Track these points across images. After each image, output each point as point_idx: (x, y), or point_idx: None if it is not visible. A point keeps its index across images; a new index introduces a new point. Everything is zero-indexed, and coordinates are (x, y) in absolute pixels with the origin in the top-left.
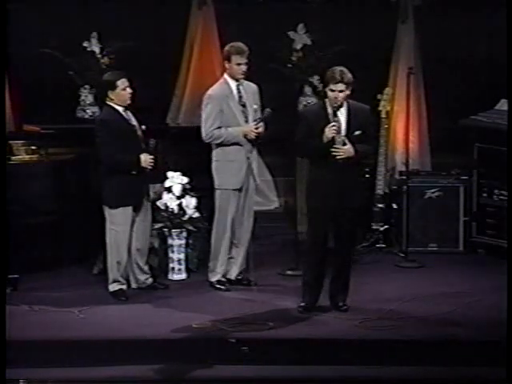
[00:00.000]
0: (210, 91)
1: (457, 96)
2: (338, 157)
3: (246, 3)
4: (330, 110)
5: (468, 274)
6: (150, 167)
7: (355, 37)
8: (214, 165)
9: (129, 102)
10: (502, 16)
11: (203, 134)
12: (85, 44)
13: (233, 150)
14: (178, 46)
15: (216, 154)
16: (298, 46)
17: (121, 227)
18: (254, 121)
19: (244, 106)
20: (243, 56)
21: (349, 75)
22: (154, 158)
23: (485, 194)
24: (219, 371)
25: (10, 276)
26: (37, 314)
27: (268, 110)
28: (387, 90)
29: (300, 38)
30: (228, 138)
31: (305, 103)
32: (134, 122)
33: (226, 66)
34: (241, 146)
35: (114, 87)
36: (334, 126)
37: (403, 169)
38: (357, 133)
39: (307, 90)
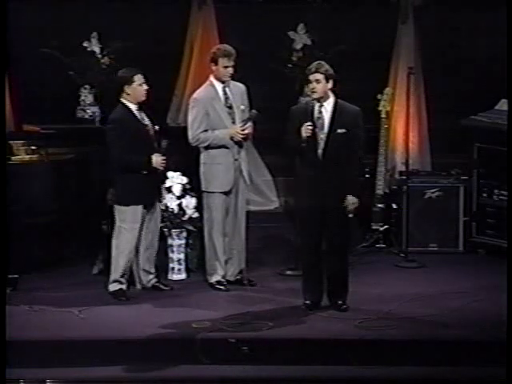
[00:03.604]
0: (195, 94)
1: (457, 96)
2: None
3: (246, 3)
4: (316, 108)
5: (468, 274)
6: (161, 168)
7: (355, 37)
8: (201, 168)
9: (144, 98)
10: (502, 16)
11: (189, 138)
12: (85, 44)
13: (220, 152)
14: (178, 46)
15: (203, 156)
16: (298, 46)
17: (129, 225)
18: (242, 121)
19: (230, 107)
20: (230, 59)
21: (326, 67)
22: (165, 158)
23: (485, 194)
24: (219, 371)
25: (10, 276)
26: (37, 314)
27: (254, 111)
28: (387, 90)
29: (300, 38)
30: (214, 141)
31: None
32: (146, 121)
33: (213, 68)
34: (228, 148)
35: (130, 82)
36: (309, 125)
37: (403, 169)
38: (339, 131)
39: (307, 90)
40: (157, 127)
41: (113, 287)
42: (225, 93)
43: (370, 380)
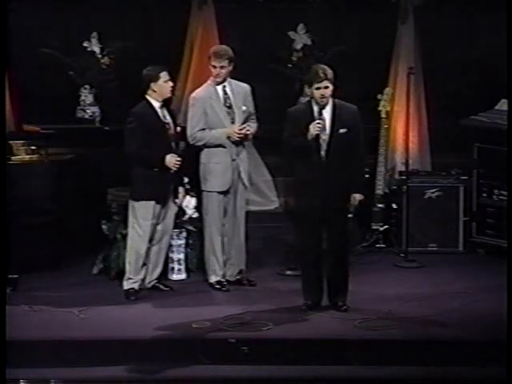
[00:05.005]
0: (194, 93)
1: (457, 96)
2: None
3: (246, 3)
4: (315, 109)
5: (468, 274)
6: (174, 168)
7: (355, 37)
8: (200, 167)
9: (169, 95)
10: (502, 16)
11: (187, 136)
12: (85, 44)
13: (218, 152)
14: (178, 45)
15: (202, 156)
16: (298, 46)
17: (140, 221)
18: (244, 122)
19: (230, 107)
20: (220, 59)
21: (330, 71)
22: (181, 160)
23: (485, 194)
24: (219, 371)
25: (10, 276)
26: (37, 314)
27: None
28: (387, 90)
29: (300, 38)
30: (211, 140)
31: None
32: (168, 119)
33: (210, 67)
34: (225, 148)
35: (156, 79)
36: (318, 123)
37: (403, 169)
38: (341, 131)
39: (307, 90)
40: (179, 128)
41: (125, 285)
42: (225, 92)
43: (370, 380)
